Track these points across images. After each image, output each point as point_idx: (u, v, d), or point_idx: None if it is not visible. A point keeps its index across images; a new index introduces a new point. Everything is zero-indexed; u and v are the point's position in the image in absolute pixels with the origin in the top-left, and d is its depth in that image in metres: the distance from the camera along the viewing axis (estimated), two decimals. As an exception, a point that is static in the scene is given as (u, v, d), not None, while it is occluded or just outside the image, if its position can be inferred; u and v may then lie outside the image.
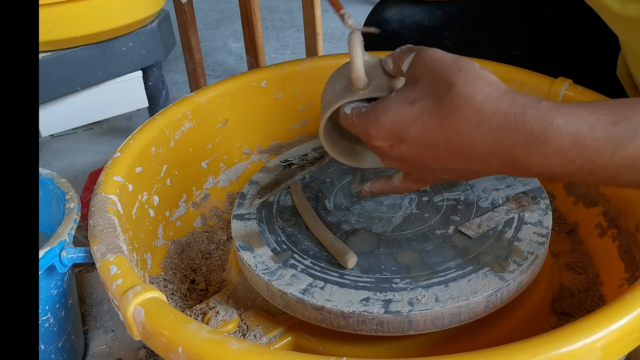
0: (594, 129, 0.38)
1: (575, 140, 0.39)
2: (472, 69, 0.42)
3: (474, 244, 0.54)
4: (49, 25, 0.95)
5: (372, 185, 0.56)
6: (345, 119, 0.50)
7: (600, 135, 0.38)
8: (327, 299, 0.49)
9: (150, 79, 1.16)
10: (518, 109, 0.40)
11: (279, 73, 0.80)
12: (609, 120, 0.38)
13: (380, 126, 0.45)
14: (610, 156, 0.38)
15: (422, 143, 0.44)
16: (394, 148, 0.46)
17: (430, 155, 0.44)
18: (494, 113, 0.40)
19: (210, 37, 1.85)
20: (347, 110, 0.50)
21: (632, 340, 0.40)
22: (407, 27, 0.85)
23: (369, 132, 0.46)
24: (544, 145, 0.39)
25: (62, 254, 0.60)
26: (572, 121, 0.39)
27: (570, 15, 0.78)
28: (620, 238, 0.62)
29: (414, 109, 0.44)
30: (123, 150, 0.64)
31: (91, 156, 1.22)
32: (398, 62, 0.48)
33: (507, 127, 0.40)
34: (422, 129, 0.43)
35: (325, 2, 2.14)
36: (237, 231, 0.58)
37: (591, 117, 0.39)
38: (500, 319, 0.53)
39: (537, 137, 0.39)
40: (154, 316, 0.43)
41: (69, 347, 0.69)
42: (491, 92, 0.41)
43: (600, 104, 0.39)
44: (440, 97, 0.42)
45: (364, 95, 0.50)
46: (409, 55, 0.47)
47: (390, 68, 0.49)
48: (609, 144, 0.38)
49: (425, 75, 0.44)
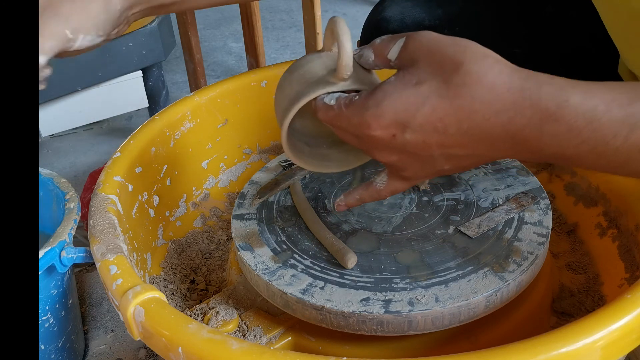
0: (610, 107, 0.37)
1: (590, 120, 0.37)
2: (476, 47, 0.40)
3: (474, 244, 0.54)
4: (49, 25, 0.95)
5: (348, 196, 0.52)
6: (327, 110, 0.45)
7: (617, 115, 0.37)
8: (327, 299, 0.49)
9: (150, 79, 1.16)
10: (532, 85, 0.38)
11: (279, 73, 0.79)
12: (625, 99, 0.37)
13: (382, 113, 0.41)
14: (624, 138, 0.37)
15: (430, 128, 0.41)
16: (396, 137, 0.42)
17: (436, 142, 0.41)
18: (508, 90, 0.38)
19: (210, 37, 1.85)
20: (329, 101, 0.45)
21: (632, 340, 0.40)
22: (408, 26, 0.85)
23: (365, 121, 0.42)
24: (557, 124, 0.37)
25: (62, 254, 0.60)
26: (588, 99, 0.37)
27: (570, 13, 0.78)
28: (620, 238, 0.62)
29: (420, 92, 0.40)
30: (123, 150, 0.64)
31: (91, 156, 1.22)
32: (382, 51, 0.44)
33: (522, 104, 0.38)
34: (430, 112, 0.40)
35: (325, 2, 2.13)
36: (237, 231, 0.58)
37: (607, 96, 0.37)
38: (500, 319, 0.53)
39: (551, 114, 0.37)
40: (154, 316, 0.43)
41: (69, 347, 0.69)
42: (502, 68, 0.39)
43: (615, 84, 0.38)
44: (448, 77, 0.40)
45: (346, 86, 0.45)
46: (397, 42, 0.44)
47: (370, 60, 0.46)
48: (625, 125, 0.36)
49: (424, 57, 0.41)
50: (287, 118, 0.47)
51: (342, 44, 0.43)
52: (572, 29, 0.78)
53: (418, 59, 0.42)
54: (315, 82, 0.46)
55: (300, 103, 0.46)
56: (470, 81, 0.39)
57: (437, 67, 0.40)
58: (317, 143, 0.54)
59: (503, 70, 0.39)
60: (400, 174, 0.47)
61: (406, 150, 0.43)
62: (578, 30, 0.78)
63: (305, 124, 0.53)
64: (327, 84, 0.45)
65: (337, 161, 0.53)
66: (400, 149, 0.43)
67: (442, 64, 0.40)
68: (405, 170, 0.46)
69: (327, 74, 0.46)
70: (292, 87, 0.48)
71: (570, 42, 0.79)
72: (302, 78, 0.47)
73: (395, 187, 0.49)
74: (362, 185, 0.51)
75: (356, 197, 0.51)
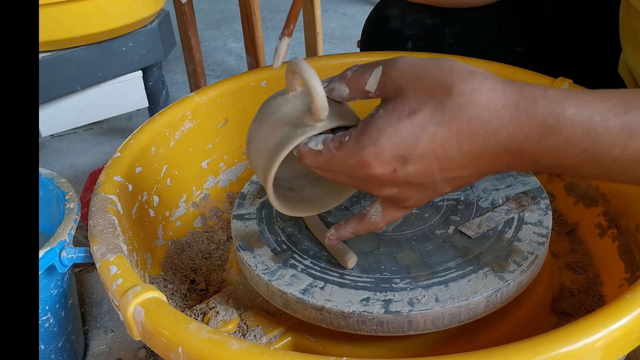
0: (606, 118, 0.37)
1: (587, 130, 0.37)
2: (460, 66, 0.40)
3: (474, 244, 0.54)
4: (49, 25, 0.95)
5: (339, 230, 0.49)
6: (315, 156, 0.43)
7: (613, 125, 0.37)
8: (327, 299, 0.49)
9: (150, 79, 1.16)
10: (527, 99, 0.38)
11: (279, 73, 0.80)
12: (621, 110, 0.37)
13: (381, 150, 0.40)
14: (622, 147, 0.37)
15: (431, 156, 0.40)
16: (397, 172, 0.41)
17: (438, 168, 0.41)
18: (503, 107, 0.38)
19: (210, 37, 1.85)
20: (314, 146, 0.43)
21: (632, 340, 0.40)
22: (409, 24, 0.85)
23: (364, 161, 0.41)
24: (556, 136, 0.37)
25: (62, 254, 0.60)
26: (583, 109, 0.37)
27: (571, 13, 0.78)
28: (620, 238, 0.62)
29: (415, 122, 0.39)
30: (123, 150, 0.64)
31: (91, 156, 1.22)
32: (358, 84, 0.43)
33: (520, 120, 0.38)
34: (430, 141, 0.39)
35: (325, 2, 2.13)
36: (237, 231, 0.58)
37: (603, 106, 0.37)
38: (500, 319, 0.53)
39: (549, 127, 0.37)
40: (154, 316, 0.43)
41: (69, 347, 0.69)
42: (494, 85, 0.39)
43: (610, 93, 0.38)
44: (440, 102, 0.39)
45: (325, 126, 0.43)
46: (373, 72, 0.42)
47: (345, 94, 0.44)
48: (622, 135, 0.36)
49: (410, 85, 0.40)
50: (271, 174, 0.44)
51: (312, 87, 0.41)
52: (572, 28, 0.78)
53: (403, 87, 0.41)
54: (292, 129, 0.44)
55: (283, 154, 0.43)
56: (464, 102, 0.38)
57: (427, 94, 0.40)
58: (299, 185, 0.52)
59: (495, 87, 0.39)
60: (399, 205, 0.45)
61: (408, 182, 0.42)
62: (578, 30, 0.78)
63: (284, 170, 0.51)
64: (305, 128, 0.43)
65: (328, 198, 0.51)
66: (402, 182, 0.42)
67: (431, 89, 0.39)
68: (406, 200, 0.45)
69: (301, 118, 0.44)
70: (267, 139, 0.45)
71: (571, 41, 0.79)
72: (275, 128, 0.45)
73: (392, 216, 0.47)
74: (354, 218, 0.49)
75: (349, 230, 0.49)
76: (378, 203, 0.47)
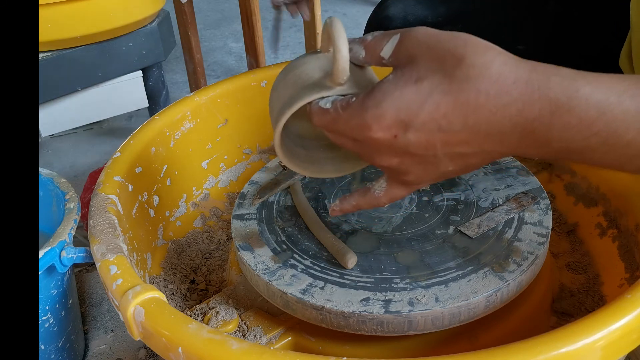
0: (622, 99, 0.35)
1: (602, 111, 0.35)
2: (477, 40, 0.38)
3: (474, 244, 0.54)
4: (49, 25, 0.95)
5: (343, 202, 0.49)
6: (323, 115, 0.43)
7: (629, 107, 0.35)
8: (327, 299, 0.49)
9: (150, 79, 1.16)
10: (540, 75, 0.37)
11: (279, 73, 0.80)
12: (637, 90, 0.35)
13: (383, 113, 0.39)
14: (637, 131, 0.35)
15: (434, 126, 0.39)
16: (397, 138, 0.40)
17: (440, 141, 0.39)
18: (514, 82, 0.37)
19: (210, 37, 1.85)
20: (324, 105, 0.43)
21: (632, 340, 0.40)
22: (411, 23, 0.85)
23: (365, 122, 0.40)
24: (568, 115, 0.36)
25: (62, 254, 0.60)
26: (599, 89, 0.36)
27: (573, 10, 0.78)
28: (620, 238, 0.62)
29: (421, 88, 0.38)
30: (123, 150, 0.64)
31: (91, 156, 1.22)
32: (375, 49, 0.42)
33: (531, 96, 0.36)
34: (434, 109, 0.38)
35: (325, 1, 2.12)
36: (237, 231, 0.58)
37: (619, 86, 0.36)
38: (500, 319, 0.53)
39: (562, 105, 0.36)
40: (154, 316, 0.43)
41: (69, 347, 0.69)
42: (506, 60, 0.38)
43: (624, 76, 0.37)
44: (450, 71, 0.38)
45: (342, 91, 0.43)
46: (390, 39, 0.41)
47: (360, 57, 0.44)
48: (638, 116, 0.35)
49: (423, 54, 0.39)
50: (280, 122, 0.45)
51: (338, 48, 0.41)
52: (574, 27, 0.79)
53: (416, 55, 0.40)
54: (310, 86, 0.44)
55: (294, 107, 0.44)
56: (474, 74, 0.37)
57: (438, 63, 0.39)
58: (313, 146, 0.52)
59: (507, 61, 0.38)
60: (401, 178, 0.44)
61: (408, 152, 0.41)
62: (580, 28, 0.78)
63: (302, 125, 0.52)
64: (322, 88, 0.44)
65: (333, 166, 0.51)
66: (402, 150, 0.41)
67: (443, 59, 0.39)
68: (407, 174, 0.43)
69: (322, 77, 0.44)
70: (287, 89, 0.46)
71: (573, 40, 0.79)
72: (297, 81, 0.46)
73: (394, 193, 0.46)
74: (359, 191, 0.48)
75: (352, 203, 0.49)
76: (383, 179, 0.47)
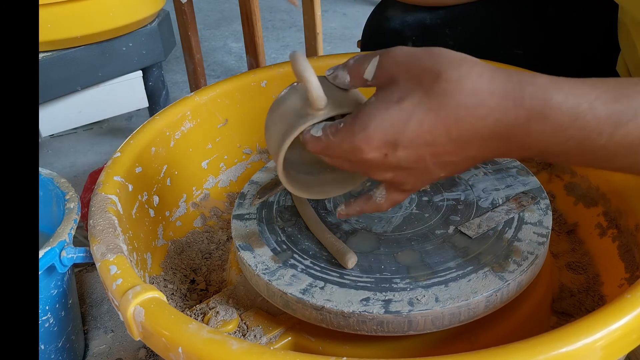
0: (594, 106, 0.37)
1: (575, 117, 0.37)
2: (450, 53, 0.40)
3: (474, 244, 0.54)
4: (49, 25, 0.95)
5: (349, 207, 0.52)
6: (316, 142, 0.45)
7: (601, 113, 0.37)
8: (327, 299, 0.49)
9: (150, 79, 1.16)
10: (515, 85, 0.39)
11: (279, 73, 0.80)
12: (609, 97, 0.37)
13: (370, 136, 0.41)
14: (609, 135, 0.37)
15: (420, 142, 0.41)
16: (388, 157, 0.42)
17: (429, 154, 0.42)
18: (491, 93, 0.39)
19: (210, 37, 1.85)
20: (315, 133, 0.45)
21: (632, 340, 0.40)
22: (409, 25, 0.85)
23: (356, 146, 0.42)
24: (543, 122, 0.38)
25: (62, 254, 0.60)
26: (571, 97, 0.38)
27: (572, 15, 0.78)
28: (620, 238, 0.62)
29: (403, 108, 0.40)
30: (123, 150, 0.64)
31: (91, 156, 1.22)
32: (358, 72, 0.45)
33: (507, 106, 0.38)
34: (418, 127, 0.40)
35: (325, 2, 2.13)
36: (237, 231, 0.58)
37: (591, 94, 0.37)
38: (500, 319, 0.53)
39: (537, 113, 0.38)
40: (154, 316, 0.43)
41: (69, 347, 0.69)
42: (482, 70, 0.39)
43: (600, 81, 0.38)
44: (428, 88, 0.40)
45: (325, 115, 0.46)
46: (371, 61, 0.44)
47: (346, 81, 0.46)
48: (609, 122, 0.37)
49: (402, 73, 0.41)
50: (280, 158, 0.47)
51: (306, 79, 0.44)
52: (573, 30, 0.79)
53: (396, 76, 0.42)
54: (296, 118, 0.46)
55: (288, 142, 0.46)
56: (451, 88, 0.39)
57: (416, 81, 0.41)
58: (315, 170, 0.54)
59: (483, 72, 0.39)
60: (398, 188, 0.47)
61: (400, 167, 0.43)
62: (579, 31, 0.78)
63: (302, 153, 0.53)
64: (307, 117, 0.46)
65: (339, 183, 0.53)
66: (395, 166, 0.43)
67: (421, 77, 0.40)
68: (403, 184, 0.46)
69: (304, 107, 0.46)
70: (277, 127, 0.48)
71: (571, 43, 0.79)
72: (283, 116, 0.48)
73: (395, 199, 0.48)
74: (362, 197, 0.50)
75: (357, 209, 0.51)
76: (382, 186, 0.48)
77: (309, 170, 0.54)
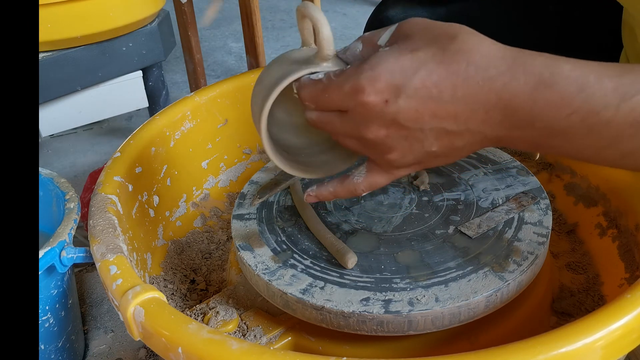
0: (601, 77, 0.38)
1: (581, 87, 0.38)
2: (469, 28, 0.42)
3: (474, 244, 0.54)
4: (49, 25, 0.95)
5: (320, 187, 0.50)
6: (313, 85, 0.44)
7: (608, 85, 0.38)
8: (327, 299, 0.49)
9: (150, 79, 1.16)
10: (525, 54, 0.40)
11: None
12: (616, 72, 0.38)
13: (377, 75, 0.40)
14: (615, 109, 0.38)
15: (425, 93, 0.40)
16: (388, 104, 0.41)
17: (429, 112, 0.41)
18: (502, 57, 0.40)
19: (210, 37, 1.85)
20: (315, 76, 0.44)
21: (632, 340, 0.40)
22: None
23: (359, 85, 0.41)
24: (550, 90, 0.38)
25: (62, 254, 0.60)
26: (579, 67, 0.38)
27: (573, 13, 0.78)
28: (620, 238, 0.62)
29: (416, 57, 0.40)
30: (123, 150, 0.64)
31: (91, 156, 1.22)
32: (372, 40, 0.45)
33: (516, 69, 0.39)
34: (427, 76, 0.40)
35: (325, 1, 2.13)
36: (237, 231, 0.58)
37: (599, 67, 0.38)
38: (500, 319, 0.53)
39: (544, 80, 0.39)
40: (153, 316, 0.43)
41: (69, 347, 0.69)
42: (495, 42, 0.41)
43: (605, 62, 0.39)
44: (444, 45, 0.40)
45: (330, 67, 0.43)
46: (388, 29, 0.44)
47: (357, 51, 0.45)
48: (615, 95, 0.37)
49: (419, 32, 0.42)
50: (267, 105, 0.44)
51: (317, 20, 0.42)
52: (574, 28, 0.79)
53: (413, 33, 0.42)
54: (296, 66, 0.44)
55: (283, 84, 0.43)
56: (465, 48, 0.40)
57: (433, 39, 0.41)
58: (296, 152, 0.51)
59: (496, 43, 0.41)
60: (385, 157, 0.45)
61: (397, 122, 0.42)
62: (581, 30, 0.78)
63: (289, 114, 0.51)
64: (309, 64, 0.44)
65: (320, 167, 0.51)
66: (391, 119, 0.42)
67: (438, 36, 0.41)
68: (392, 151, 0.44)
69: (309, 57, 0.44)
70: (271, 75, 0.45)
71: (573, 41, 0.79)
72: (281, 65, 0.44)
73: (374, 180, 0.47)
74: (338, 178, 0.49)
75: (329, 189, 0.49)
76: (364, 165, 0.48)
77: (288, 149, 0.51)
